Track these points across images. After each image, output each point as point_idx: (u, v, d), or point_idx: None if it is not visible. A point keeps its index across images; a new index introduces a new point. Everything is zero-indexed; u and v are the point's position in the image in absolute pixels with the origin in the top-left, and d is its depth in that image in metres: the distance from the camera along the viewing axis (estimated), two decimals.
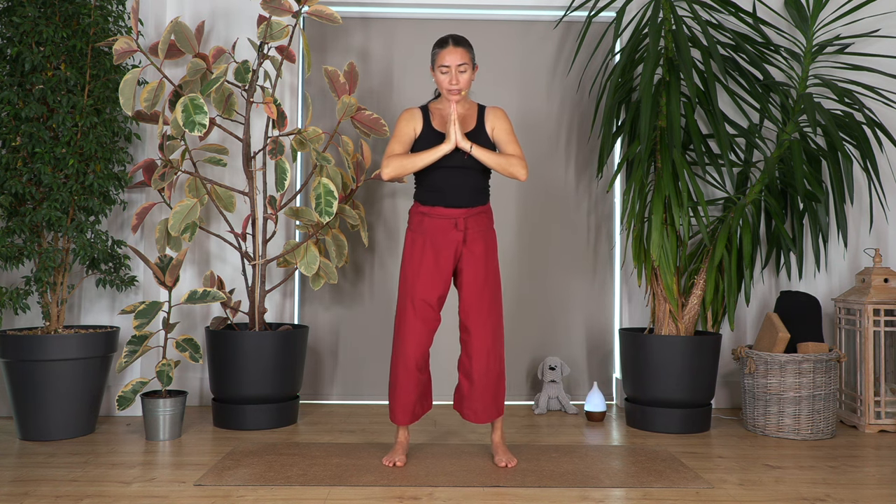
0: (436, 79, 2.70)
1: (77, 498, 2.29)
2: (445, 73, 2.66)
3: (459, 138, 2.58)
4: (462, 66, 2.66)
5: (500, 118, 2.73)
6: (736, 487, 2.46)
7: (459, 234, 2.69)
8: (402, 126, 2.71)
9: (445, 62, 2.66)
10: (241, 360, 3.16)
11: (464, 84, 2.66)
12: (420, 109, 2.76)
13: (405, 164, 2.61)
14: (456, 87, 2.65)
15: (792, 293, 3.38)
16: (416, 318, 2.66)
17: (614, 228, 3.89)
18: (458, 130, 2.58)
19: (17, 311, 3.04)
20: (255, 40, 3.74)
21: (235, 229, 3.63)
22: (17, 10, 2.99)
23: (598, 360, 3.87)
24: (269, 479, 2.47)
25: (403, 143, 2.68)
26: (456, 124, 2.59)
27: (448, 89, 2.66)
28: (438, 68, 2.67)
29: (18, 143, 2.99)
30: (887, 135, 3.19)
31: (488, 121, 2.73)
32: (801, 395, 3.14)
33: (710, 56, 3.27)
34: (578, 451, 2.88)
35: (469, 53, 2.69)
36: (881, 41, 3.80)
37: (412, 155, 2.62)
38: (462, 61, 2.66)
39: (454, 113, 2.59)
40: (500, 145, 2.72)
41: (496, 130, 2.71)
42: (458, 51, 2.66)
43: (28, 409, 2.98)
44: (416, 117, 2.73)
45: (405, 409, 2.70)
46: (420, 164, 2.61)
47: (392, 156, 2.64)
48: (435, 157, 2.61)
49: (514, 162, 2.63)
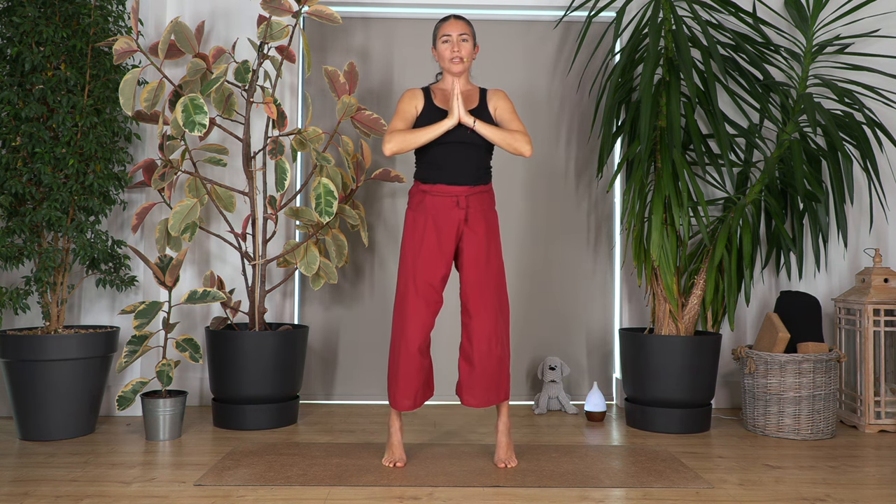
0: (438, 55, 2.70)
1: (77, 498, 2.29)
2: (447, 41, 2.66)
3: (462, 113, 2.55)
4: (464, 35, 2.67)
5: (502, 98, 2.72)
6: (736, 487, 2.46)
7: (461, 211, 2.64)
8: (404, 104, 2.69)
9: (447, 31, 2.67)
10: (241, 360, 3.16)
11: (465, 53, 2.66)
12: (422, 90, 2.75)
13: (408, 139, 2.58)
14: (458, 54, 2.65)
15: (792, 293, 3.38)
16: (419, 299, 2.62)
17: (614, 228, 3.89)
18: (461, 105, 2.56)
19: (17, 311, 3.04)
20: (255, 40, 3.74)
21: (235, 229, 3.63)
22: (17, 10, 2.99)
23: (598, 360, 3.87)
24: (269, 479, 2.47)
25: (406, 121, 2.66)
26: (459, 99, 2.56)
27: (450, 58, 2.66)
28: (440, 39, 2.68)
29: (18, 143, 2.99)
30: (887, 135, 3.19)
31: (491, 101, 2.73)
32: (801, 395, 3.14)
33: (710, 56, 3.27)
34: (578, 451, 2.88)
35: (470, 27, 2.70)
36: (881, 41, 3.80)
37: (415, 130, 2.60)
38: (463, 31, 2.67)
39: (457, 88, 2.57)
40: (503, 124, 2.70)
41: (499, 110, 2.70)
42: (459, 22, 2.70)
43: (28, 409, 2.98)
44: (418, 96, 2.72)
45: (406, 393, 2.62)
46: (423, 139, 2.58)
47: (394, 131, 2.61)
48: (438, 132, 2.58)
49: (518, 137, 2.60)
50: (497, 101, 2.72)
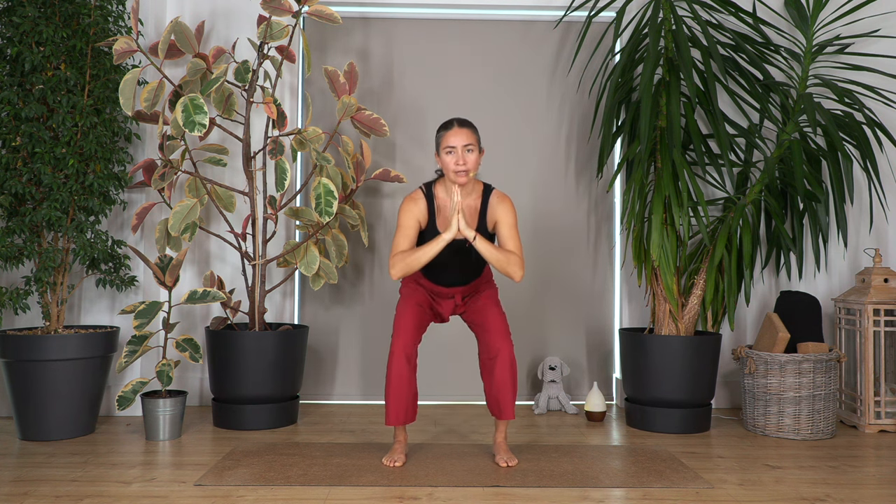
0: (441, 162, 2.65)
1: (77, 498, 2.29)
2: (451, 153, 2.60)
3: (462, 227, 2.55)
4: (468, 146, 2.60)
5: (505, 211, 2.68)
6: (736, 487, 2.46)
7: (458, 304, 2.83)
8: (407, 218, 2.67)
9: (451, 143, 2.60)
10: (241, 360, 3.16)
11: (471, 165, 2.61)
12: (424, 197, 2.71)
13: (411, 263, 2.59)
14: (463, 167, 2.59)
15: (792, 293, 3.38)
16: (415, 307, 2.72)
17: (614, 228, 3.89)
18: (461, 220, 2.55)
19: (17, 311, 3.04)
20: (255, 40, 3.74)
21: (235, 229, 3.63)
22: (17, 10, 2.99)
23: (598, 360, 3.87)
24: (269, 479, 2.47)
25: (409, 238, 2.66)
26: (460, 214, 2.55)
27: (455, 170, 2.60)
28: (444, 149, 2.62)
29: (18, 143, 2.99)
30: (887, 135, 3.19)
31: (492, 212, 2.70)
32: (801, 395, 3.14)
33: (710, 56, 3.26)
34: (578, 451, 2.88)
35: (475, 135, 2.64)
36: (881, 41, 3.80)
37: (417, 250, 2.59)
38: (468, 141, 2.61)
39: (457, 201, 2.56)
40: (500, 239, 2.68)
41: (499, 224, 2.68)
42: (463, 131, 2.61)
43: (28, 409, 2.98)
44: (420, 205, 2.69)
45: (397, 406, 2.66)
46: (426, 259, 2.58)
47: (398, 254, 2.62)
48: (439, 249, 2.58)
49: (512, 261, 2.60)
50: (499, 214, 2.68)
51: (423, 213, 2.70)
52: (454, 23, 3.90)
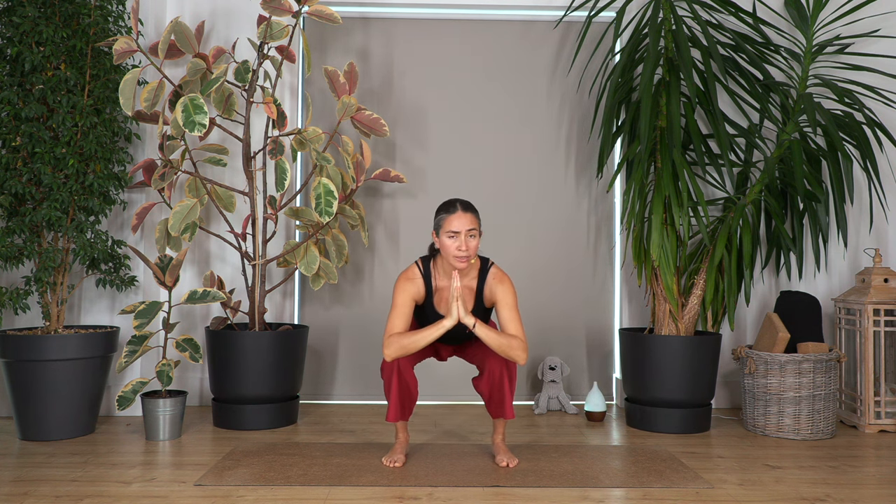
0: (440, 244, 2.58)
1: (77, 498, 2.29)
2: (453, 238, 2.54)
3: (462, 315, 2.50)
4: (472, 231, 2.55)
5: (504, 292, 2.62)
6: (736, 487, 2.46)
7: (458, 348, 2.91)
8: (403, 298, 2.61)
9: (454, 227, 2.53)
10: (241, 360, 3.16)
11: (473, 250, 2.55)
12: (422, 276, 2.66)
13: (407, 346, 2.51)
14: (465, 253, 2.54)
15: (792, 293, 3.38)
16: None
17: (614, 228, 3.89)
18: (461, 307, 2.50)
19: (17, 311, 3.04)
20: (255, 40, 3.74)
21: (235, 229, 3.63)
22: (17, 10, 2.99)
23: (598, 360, 3.87)
24: (269, 479, 2.47)
25: (405, 318, 2.59)
26: (459, 301, 2.50)
27: (456, 256, 2.54)
28: (445, 233, 2.55)
29: (18, 143, 2.99)
30: (887, 135, 3.19)
31: (489, 290, 2.65)
32: (801, 395, 3.14)
33: (710, 56, 3.27)
34: (578, 451, 2.88)
35: (478, 219, 2.59)
36: (881, 41, 3.81)
37: (414, 334, 2.52)
38: (472, 226, 2.54)
39: (457, 288, 2.51)
40: (501, 321, 2.61)
41: (498, 305, 2.62)
42: (467, 216, 2.55)
43: (28, 409, 2.98)
44: (417, 285, 2.64)
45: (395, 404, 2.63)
46: (423, 343, 2.51)
47: (393, 335, 2.53)
48: (438, 335, 2.52)
49: (514, 345, 2.52)
50: (498, 295, 2.62)
51: (419, 293, 2.66)
52: (454, 23, 3.90)
